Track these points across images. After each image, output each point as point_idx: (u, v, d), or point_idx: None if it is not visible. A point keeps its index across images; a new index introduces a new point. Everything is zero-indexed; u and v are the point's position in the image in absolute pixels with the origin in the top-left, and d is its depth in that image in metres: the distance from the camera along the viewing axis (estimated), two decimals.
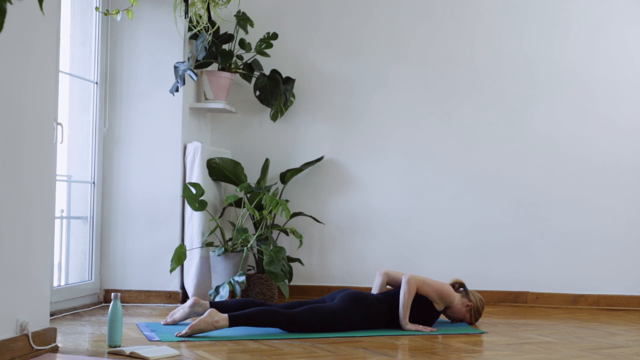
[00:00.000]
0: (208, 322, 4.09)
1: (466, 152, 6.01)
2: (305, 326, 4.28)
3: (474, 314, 4.74)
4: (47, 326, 3.68)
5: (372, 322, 4.48)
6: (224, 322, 4.10)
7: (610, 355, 3.86)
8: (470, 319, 4.75)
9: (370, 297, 4.53)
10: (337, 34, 6.15)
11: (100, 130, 5.46)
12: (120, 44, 5.56)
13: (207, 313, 4.12)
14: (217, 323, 4.09)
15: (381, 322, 4.52)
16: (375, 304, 4.49)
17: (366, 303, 4.45)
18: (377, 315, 4.48)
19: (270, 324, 4.23)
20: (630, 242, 5.84)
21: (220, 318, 4.10)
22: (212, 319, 4.10)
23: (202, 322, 4.10)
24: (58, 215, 5.07)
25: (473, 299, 4.74)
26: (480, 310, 4.76)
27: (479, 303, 4.75)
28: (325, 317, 4.32)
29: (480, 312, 4.77)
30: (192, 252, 5.46)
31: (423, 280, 4.57)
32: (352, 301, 4.41)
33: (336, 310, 4.35)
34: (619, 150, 5.89)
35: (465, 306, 4.70)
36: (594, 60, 5.95)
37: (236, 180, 5.76)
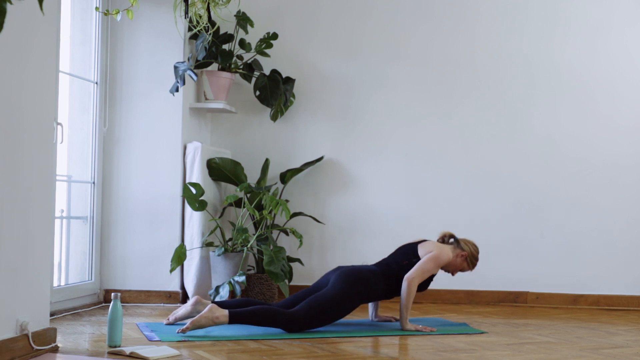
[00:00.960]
0: (208, 317, 4.12)
1: (466, 152, 6.01)
2: (306, 323, 4.28)
3: (470, 261, 4.68)
4: (47, 326, 3.68)
5: (370, 296, 4.50)
6: (224, 318, 4.12)
7: (610, 355, 3.86)
8: (469, 266, 4.70)
9: (364, 271, 4.50)
10: (337, 34, 6.15)
11: (100, 130, 5.46)
12: (120, 44, 5.56)
13: (208, 308, 4.15)
14: (217, 319, 4.11)
15: (378, 294, 4.53)
16: (371, 278, 4.48)
17: (362, 280, 4.43)
18: (374, 289, 4.49)
19: (270, 323, 4.23)
20: (630, 242, 5.84)
21: (220, 314, 4.12)
22: (212, 314, 4.12)
23: (202, 317, 4.12)
24: (58, 215, 5.07)
25: (466, 247, 4.68)
26: (476, 255, 4.70)
27: (472, 249, 4.69)
28: (324, 310, 4.30)
29: (477, 257, 4.70)
30: (192, 252, 5.46)
31: (422, 274, 4.53)
32: (348, 284, 4.38)
33: (334, 298, 4.32)
34: (619, 150, 5.90)
35: (460, 256, 4.66)
36: (594, 60, 5.95)
37: (236, 180, 5.76)
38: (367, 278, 4.47)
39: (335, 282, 4.41)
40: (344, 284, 4.38)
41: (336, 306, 4.34)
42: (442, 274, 5.53)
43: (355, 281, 4.41)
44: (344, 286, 4.37)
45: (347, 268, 4.53)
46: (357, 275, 4.45)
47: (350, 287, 4.38)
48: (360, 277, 4.45)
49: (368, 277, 4.47)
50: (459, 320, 4.96)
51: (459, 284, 5.91)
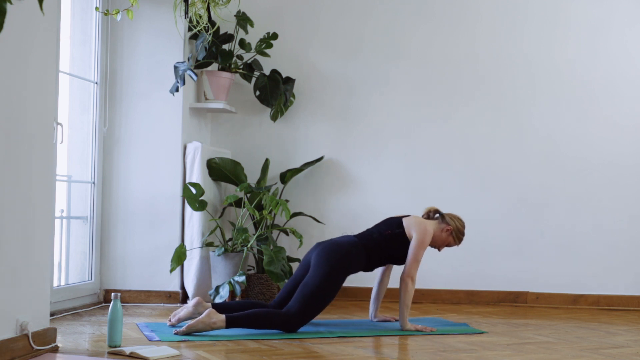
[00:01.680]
0: (205, 322, 4.13)
1: (466, 151, 6.01)
2: (302, 319, 4.28)
3: (456, 235, 4.65)
4: (47, 326, 3.68)
5: (354, 269, 4.46)
6: (220, 324, 4.15)
7: (610, 355, 3.86)
8: (455, 241, 4.67)
9: (344, 245, 4.46)
10: (337, 34, 6.15)
11: (100, 130, 5.46)
12: (120, 44, 5.55)
13: (206, 313, 4.16)
14: (214, 324, 4.14)
15: (361, 265, 4.49)
16: (352, 251, 4.44)
17: (343, 255, 4.40)
18: (356, 262, 4.45)
19: (267, 326, 4.24)
20: (630, 242, 5.84)
21: (217, 319, 4.14)
22: (209, 319, 4.14)
23: (199, 322, 4.13)
24: (58, 215, 5.07)
25: (451, 221, 4.65)
26: (462, 230, 4.67)
27: (457, 223, 4.66)
28: (315, 300, 4.28)
29: (462, 231, 4.67)
30: (192, 252, 5.46)
31: (417, 264, 4.50)
32: (329, 264, 4.34)
33: (320, 285, 4.29)
34: (619, 150, 5.90)
35: (446, 231, 4.63)
36: (594, 60, 5.95)
37: (236, 180, 5.76)
38: (348, 251, 4.43)
39: (316, 266, 4.36)
40: (325, 266, 4.34)
41: (324, 292, 4.31)
42: (440, 272, 5.55)
43: (335, 258, 4.37)
44: (326, 268, 4.33)
45: (326, 244, 4.48)
46: (337, 250, 4.41)
47: (332, 267, 4.34)
48: (340, 251, 4.41)
49: (349, 251, 4.44)
50: (459, 320, 4.96)
51: (459, 284, 5.92)
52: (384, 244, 4.53)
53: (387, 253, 4.55)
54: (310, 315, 4.32)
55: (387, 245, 4.53)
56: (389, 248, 4.54)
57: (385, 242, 4.53)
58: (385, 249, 4.53)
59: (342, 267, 4.38)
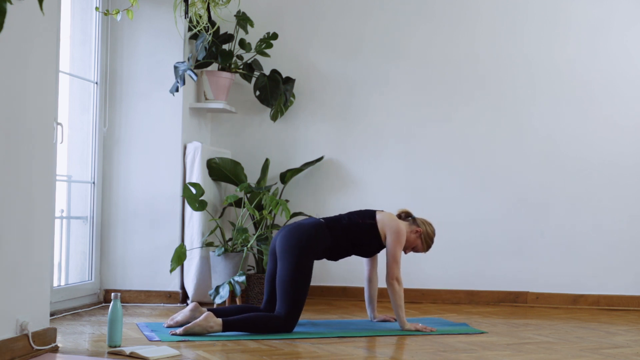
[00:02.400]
0: (202, 326, 4.16)
1: (466, 151, 6.01)
2: (294, 316, 4.28)
3: (424, 240, 4.62)
4: (47, 326, 3.68)
5: (319, 249, 4.41)
6: (217, 327, 4.17)
7: (610, 355, 3.86)
8: (422, 245, 4.62)
9: (305, 226, 4.42)
10: (337, 34, 6.15)
11: (100, 130, 5.46)
12: (120, 44, 5.56)
13: (203, 317, 4.19)
14: (211, 328, 4.16)
15: (325, 247, 4.43)
16: (312, 232, 4.39)
17: (304, 236, 4.35)
18: (319, 242, 4.40)
19: (263, 329, 4.25)
20: (630, 242, 5.83)
21: (214, 323, 4.17)
22: (207, 323, 4.17)
23: (196, 325, 4.16)
24: (58, 215, 5.07)
25: (422, 225, 4.62)
26: (431, 235, 4.63)
27: (428, 228, 4.63)
28: (296, 293, 4.27)
29: (432, 237, 4.64)
30: (192, 252, 5.46)
31: (397, 263, 4.46)
32: (293, 252, 4.31)
33: (293, 276, 4.28)
34: (619, 150, 5.89)
35: (415, 232, 4.59)
36: (594, 61, 5.95)
37: (236, 180, 5.76)
38: (310, 233, 4.38)
39: (282, 256, 4.34)
40: (290, 255, 4.31)
41: (300, 282, 4.29)
42: (436, 272, 5.54)
43: (299, 244, 4.33)
44: (291, 258, 4.30)
45: (288, 228, 4.45)
46: (299, 234, 4.37)
47: (297, 255, 4.30)
48: (302, 235, 4.37)
49: (311, 233, 4.39)
50: (459, 320, 4.95)
51: (459, 284, 5.92)
52: (352, 232, 4.47)
53: (354, 241, 4.49)
54: (299, 309, 4.32)
55: (355, 233, 4.48)
56: (357, 237, 4.48)
57: (354, 230, 4.48)
58: (352, 237, 4.47)
59: (307, 251, 4.34)
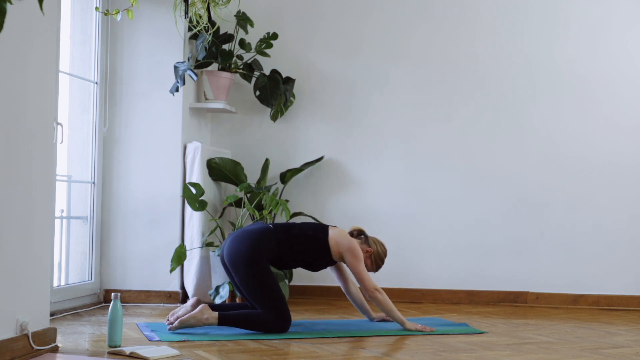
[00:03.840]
0: (198, 318, 4.18)
1: (466, 152, 6.01)
2: (284, 318, 4.27)
3: (374, 260, 4.58)
4: (47, 326, 3.68)
5: (267, 254, 4.33)
6: (213, 320, 4.19)
7: (610, 355, 3.86)
8: (372, 265, 4.58)
9: (250, 234, 4.33)
10: (338, 34, 6.15)
11: (100, 130, 5.46)
12: (120, 44, 5.56)
13: (199, 309, 4.20)
14: (206, 320, 4.18)
15: (270, 253, 4.34)
16: (259, 239, 4.31)
17: (250, 248, 4.27)
18: (266, 249, 4.32)
19: (259, 327, 4.25)
20: (630, 242, 5.83)
21: (210, 316, 4.19)
22: (202, 315, 4.18)
23: (191, 317, 4.18)
24: (58, 215, 5.07)
25: (373, 245, 4.59)
26: (382, 256, 4.60)
27: (379, 248, 4.59)
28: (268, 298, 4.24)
29: (382, 257, 4.60)
30: (192, 252, 5.46)
31: (366, 275, 4.40)
32: (245, 264, 4.25)
33: (254, 285, 4.23)
34: (619, 150, 5.89)
35: (365, 252, 4.54)
36: (594, 61, 5.95)
37: (236, 180, 5.76)
38: (254, 239, 4.31)
39: (233, 269, 4.29)
40: (240, 265, 4.25)
41: (262, 287, 4.24)
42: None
43: (244, 251, 4.26)
44: (242, 268, 4.25)
45: (233, 236, 4.40)
46: (243, 241, 4.31)
47: (246, 263, 4.24)
48: (246, 241, 4.30)
49: (255, 238, 4.32)
50: (459, 320, 4.95)
51: (459, 284, 5.92)
52: (301, 243, 4.39)
53: (301, 253, 4.40)
54: (282, 308, 4.27)
55: (303, 245, 4.40)
56: (305, 249, 4.40)
57: (303, 241, 4.40)
58: (300, 248, 4.39)
59: (254, 257, 4.26)
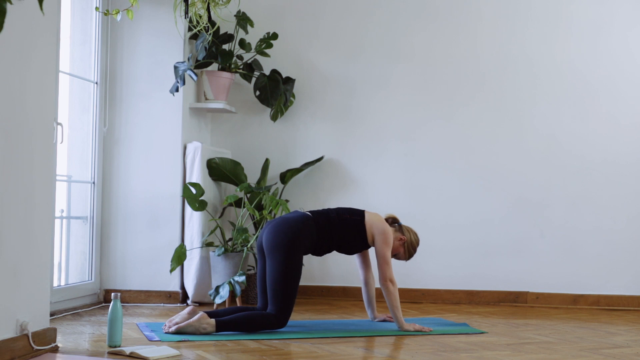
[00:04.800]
0: (195, 326, 4.18)
1: (466, 152, 6.01)
2: (286, 313, 4.29)
3: (407, 249, 4.64)
4: (47, 326, 3.68)
5: (306, 244, 4.37)
6: (210, 328, 4.20)
7: (610, 355, 3.86)
8: (404, 254, 4.65)
9: (291, 220, 4.38)
10: (338, 34, 6.15)
11: (100, 130, 5.46)
12: (120, 44, 5.56)
13: (197, 317, 4.21)
14: (204, 329, 4.18)
15: (312, 241, 4.39)
16: (299, 226, 4.35)
17: (293, 234, 4.31)
18: (306, 236, 4.36)
19: (256, 327, 4.26)
20: (630, 241, 5.83)
21: (207, 324, 4.19)
22: (200, 324, 4.19)
23: (189, 325, 4.18)
24: (58, 215, 5.07)
25: (407, 233, 4.65)
26: (415, 245, 4.66)
27: (413, 237, 4.66)
28: (287, 290, 4.27)
29: (415, 246, 4.66)
30: (192, 252, 5.46)
31: (388, 264, 4.46)
32: (283, 249, 4.28)
33: (283, 273, 4.27)
34: (620, 149, 5.89)
35: (399, 240, 4.61)
36: (596, 60, 5.94)
37: (236, 180, 5.76)
38: (296, 228, 4.35)
39: (270, 254, 4.32)
40: (278, 252, 4.29)
41: (290, 279, 4.28)
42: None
43: (285, 239, 4.30)
44: (280, 255, 4.28)
45: (274, 223, 4.42)
46: (285, 230, 4.34)
47: (284, 251, 4.28)
48: (288, 230, 4.34)
49: (297, 227, 4.35)
50: (459, 320, 4.95)
51: (459, 284, 5.92)
52: (339, 227, 4.45)
53: (339, 237, 4.46)
54: (291, 304, 4.31)
55: (341, 229, 4.45)
56: (343, 232, 4.46)
57: (341, 225, 4.46)
58: (338, 232, 4.44)
59: (294, 246, 4.31)
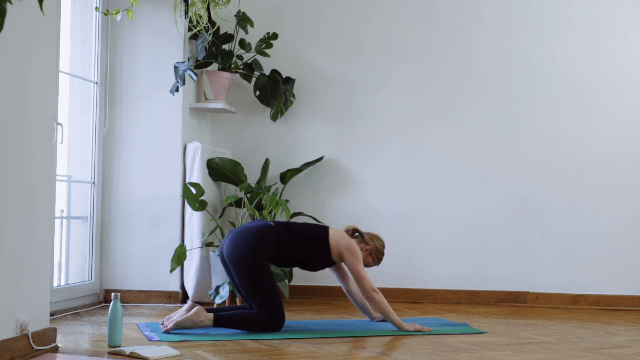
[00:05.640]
0: (193, 320, 4.20)
1: (467, 152, 6.00)
2: (277, 316, 4.30)
3: (374, 256, 4.60)
4: (47, 326, 3.68)
5: (268, 252, 4.34)
6: (208, 322, 4.22)
7: (610, 355, 3.86)
8: (373, 261, 4.61)
9: (251, 231, 4.35)
10: (338, 34, 6.15)
11: (100, 130, 5.46)
12: (120, 44, 5.56)
13: (194, 311, 4.23)
14: (201, 323, 4.20)
15: (272, 250, 4.36)
16: (259, 235, 4.33)
17: (252, 245, 4.29)
18: (268, 246, 4.33)
19: (253, 327, 4.27)
20: (630, 241, 5.83)
21: (205, 318, 4.22)
22: (197, 317, 4.21)
23: (187, 319, 4.20)
24: (58, 215, 5.07)
25: (370, 241, 4.60)
26: (381, 249, 4.62)
27: (377, 243, 4.61)
28: (264, 296, 4.27)
29: (382, 251, 4.62)
30: (192, 252, 5.46)
31: (365, 276, 4.44)
32: (246, 262, 4.27)
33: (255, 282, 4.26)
34: (620, 149, 5.89)
35: (364, 250, 4.56)
36: (596, 60, 5.94)
37: (236, 180, 5.76)
38: (255, 237, 4.33)
39: (234, 267, 4.31)
40: (241, 263, 4.28)
41: (262, 285, 4.27)
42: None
43: (245, 249, 4.29)
44: (244, 267, 4.28)
45: (233, 233, 4.41)
46: (244, 238, 4.33)
47: (247, 262, 4.27)
48: (247, 238, 4.32)
49: (256, 236, 4.33)
50: (459, 320, 4.95)
51: (459, 284, 5.92)
52: (302, 241, 4.42)
53: (301, 251, 4.42)
54: (278, 307, 4.31)
55: (304, 243, 4.42)
56: (306, 247, 4.42)
57: (303, 239, 4.43)
58: (300, 246, 4.41)
59: (256, 255, 4.29)
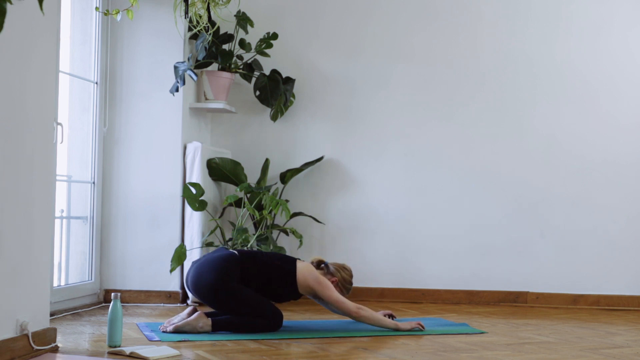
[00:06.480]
0: (192, 325, 4.22)
1: (467, 152, 6.00)
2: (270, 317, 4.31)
3: (342, 287, 4.56)
4: (47, 326, 3.68)
5: (233, 278, 4.31)
6: (207, 328, 4.23)
7: (610, 355, 3.86)
8: (342, 292, 4.56)
9: (215, 264, 4.31)
10: (338, 34, 6.15)
11: (100, 130, 5.46)
12: (120, 44, 5.56)
13: (194, 317, 4.24)
14: (201, 328, 4.22)
15: (236, 276, 4.32)
16: (224, 267, 4.30)
17: (215, 279, 4.26)
18: (232, 273, 4.30)
19: (252, 329, 4.27)
20: (630, 241, 5.83)
21: (204, 324, 4.23)
22: (197, 323, 4.22)
23: (186, 324, 4.21)
24: (58, 215, 5.07)
25: (337, 273, 4.56)
26: (349, 280, 4.58)
27: (343, 274, 4.57)
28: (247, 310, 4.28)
29: (349, 281, 4.59)
30: (192, 252, 5.46)
31: (343, 299, 4.40)
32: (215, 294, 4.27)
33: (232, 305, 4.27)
34: (620, 149, 5.89)
35: (332, 282, 4.51)
36: (596, 60, 5.94)
37: (236, 180, 5.76)
38: (220, 266, 4.30)
39: (203, 299, 4.33)
40: (210, 294, 4.28)
41: (241, 303, 4.27)
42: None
43: (210, 281, 4.27)
44: (212, 297, 4.28)
45: (196, 265, 4.40)
46: (208, 269, 4.30)
47: (215, 293, 4.27)
48: (211, 269, 4.29)
49: (220, 265, 4.30)
50: (459, 320, 4.95)
51: (459, 284, 5.91)
52: (268, 272, 4.39)
53: (267, 281, 4.38)
54: (270, 309, 4.31)
55: (269, 274, 4.39)
56: (271, 278, 4.38)
57: (270, 270, 4.39)
58: (265, 276, 4.38)
59: (222, 284, 4.27)
